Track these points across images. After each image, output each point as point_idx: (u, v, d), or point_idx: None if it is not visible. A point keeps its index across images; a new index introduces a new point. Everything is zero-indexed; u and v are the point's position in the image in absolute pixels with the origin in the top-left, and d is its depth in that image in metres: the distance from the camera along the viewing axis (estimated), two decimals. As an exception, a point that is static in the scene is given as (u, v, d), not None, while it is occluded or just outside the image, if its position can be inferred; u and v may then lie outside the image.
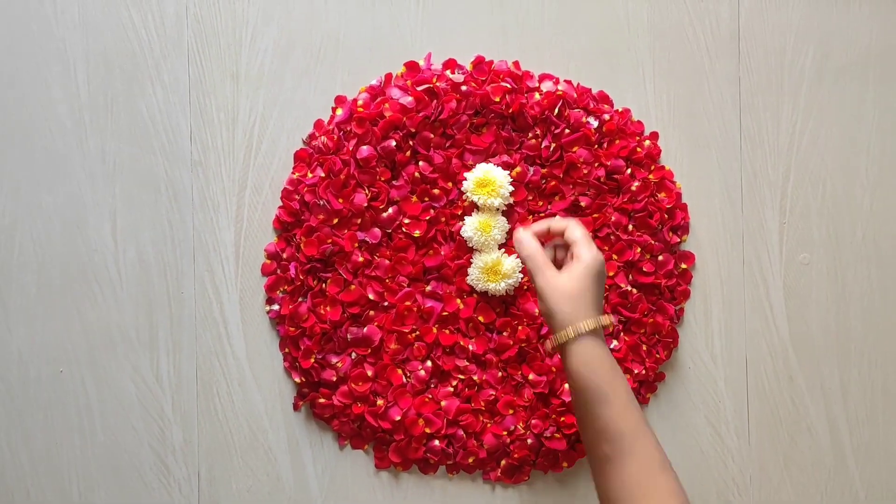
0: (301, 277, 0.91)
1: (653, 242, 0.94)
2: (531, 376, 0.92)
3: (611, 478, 0.74)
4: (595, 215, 0.93)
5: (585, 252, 0.79)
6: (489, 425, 0.92)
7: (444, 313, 0.92)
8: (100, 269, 0.93)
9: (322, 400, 0.92)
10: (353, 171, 0.91)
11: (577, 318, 0.77)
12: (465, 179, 0.91)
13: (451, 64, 0.94)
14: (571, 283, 0.78)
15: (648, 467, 0.73)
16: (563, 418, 0.92)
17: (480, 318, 0.92)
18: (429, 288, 0.92)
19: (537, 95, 0.93)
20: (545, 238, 0.84)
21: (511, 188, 0.91)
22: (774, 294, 0.97)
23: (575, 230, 0.81)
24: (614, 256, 0.93)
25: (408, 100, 0.92)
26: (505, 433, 0.92)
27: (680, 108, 0.97)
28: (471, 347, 0.92)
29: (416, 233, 0.92)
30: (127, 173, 0.93)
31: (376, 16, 0.95)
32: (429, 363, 0.92)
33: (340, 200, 0.91)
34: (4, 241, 0.92)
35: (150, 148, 0.93)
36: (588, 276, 0.78)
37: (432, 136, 0.92)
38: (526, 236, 0.82)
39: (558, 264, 0.83)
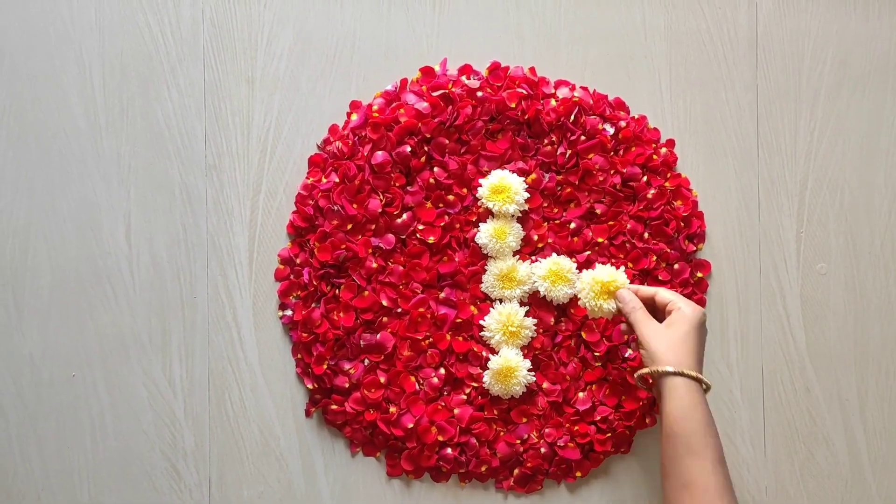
0: (314, 283, 0.91)
1: (669, 251, 0.93)
2: (545, 385, 0.92)
3: None
4: (610, 223, 0.93)
5: (685, 306, 0.82)
6: (502, 434, 0.92)
7: (458, 320, 0.91)
8: (113, 272, 0.93)
9: (334, 406, 0.92)
10: (367, 176, 0.91)
11: (681, 365, 0.79)
12: (480, 185, 0.91)
13: (466, 69, 0.94)
14: (674, 332, 0.80)
15: None
16: (576, 427, 0.91)
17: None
18: (443, 295, 0.91)
19: (553, 102, 0.93)
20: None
21: (526, 195, 0.91)
22: (791, 303, 0.96)
23: (666, 292, 0.84)
24: (629, 264, 0.92)
25: (423, 105, 0.91)
26: (518, 442, 0.91)
27: (697, 115, 0.96)
28: (485, 354, 0.91)
29: (431, 239, 0.91)
30: (141, 177, 0.93)
31: (392, 21, 0.94)
32: (442, 370, 0.91)
33: (355, 206, 0.91)
34: (19, 244, 0.92)
35: (165, 152, 0.93)
36: (690, 327, 0.80)
37: (447, 141, 0.92)
38: (627, 293, 0.85)
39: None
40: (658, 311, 0.84)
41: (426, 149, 0.92)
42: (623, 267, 0.90)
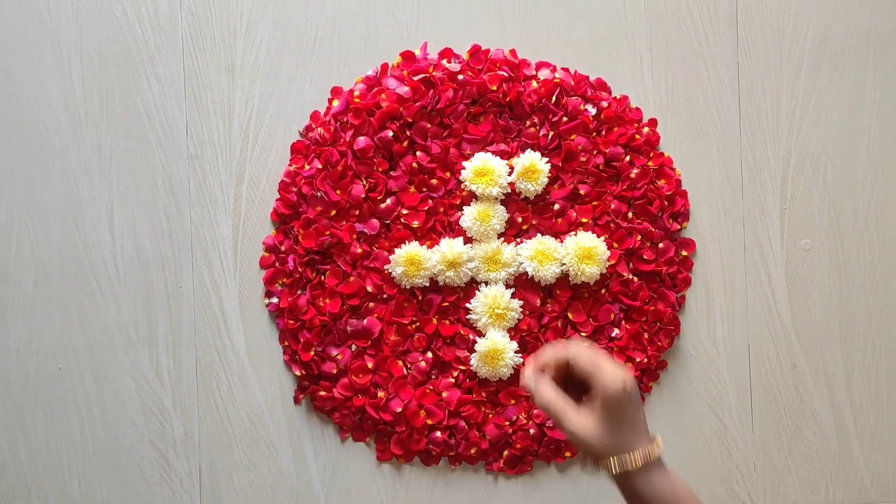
0: (300, 270, 0.91)
1: (653, 230, 0.93)
2: (532, 366, 0.92)
3: None
4: (594, 203, 0.93)
5: (601, 381, 0.64)
6: (491, 416, 0.92)
7: (444, 304, 0.91)
8: (97, 264, 0.92)
9: (323, 393, 0.92)
10: (350, 162, 0.91)
11: (621, 451, 0.65)
12: (464, 169, 0.91)
13: (447, 53, 0.93)
14: (600, 423, 0.65)
15: None
16: (565, 408, 0.91)
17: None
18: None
19: (535, 83, 0.93)
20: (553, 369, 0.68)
21: (510, 177, 0.91)
22: (776, 280, 0.97)
23: (581, 359, 0.66)
24: (615, 244, 0.92)
25: (404, 90, 0.91)
26: (507, 423, 0.92)
27: (678, 94, 0.96)
28: (471, 337, 0.91)
29: (415, 223, 0.91)
30: (123, 168, 0.93)
31: (372, 5, 0.94)
32: (429, 354, 0.92)
33: (338, 192, 0.90)
34: (2, 239, 0.92)
35: (147, 142, 0.93)
36: (614, 407, 0.64)
37: (429, 125, 0.92)
38: (536, 384, 0.67)
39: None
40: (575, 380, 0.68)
41: (408, 133, 0.91)
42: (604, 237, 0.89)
